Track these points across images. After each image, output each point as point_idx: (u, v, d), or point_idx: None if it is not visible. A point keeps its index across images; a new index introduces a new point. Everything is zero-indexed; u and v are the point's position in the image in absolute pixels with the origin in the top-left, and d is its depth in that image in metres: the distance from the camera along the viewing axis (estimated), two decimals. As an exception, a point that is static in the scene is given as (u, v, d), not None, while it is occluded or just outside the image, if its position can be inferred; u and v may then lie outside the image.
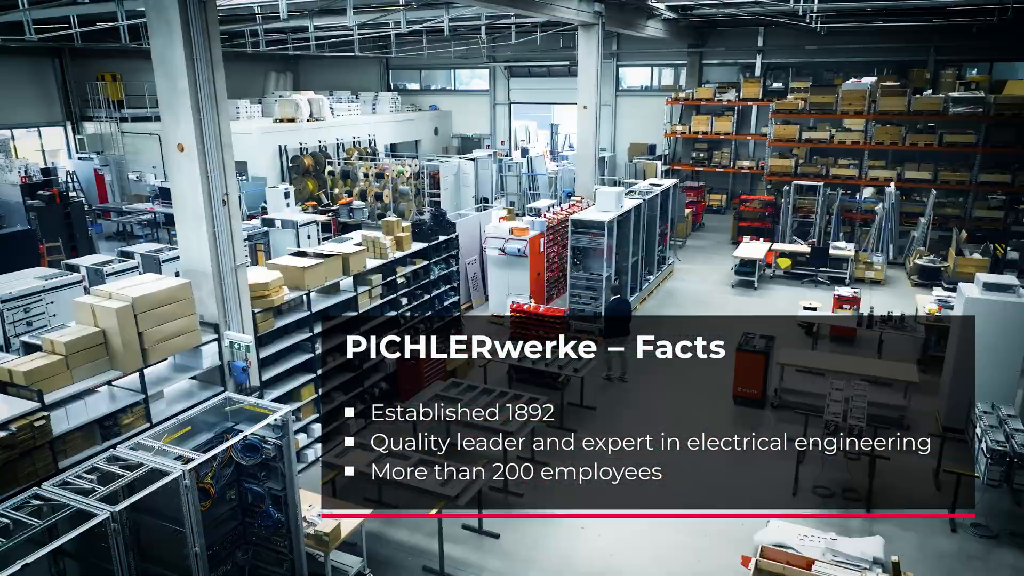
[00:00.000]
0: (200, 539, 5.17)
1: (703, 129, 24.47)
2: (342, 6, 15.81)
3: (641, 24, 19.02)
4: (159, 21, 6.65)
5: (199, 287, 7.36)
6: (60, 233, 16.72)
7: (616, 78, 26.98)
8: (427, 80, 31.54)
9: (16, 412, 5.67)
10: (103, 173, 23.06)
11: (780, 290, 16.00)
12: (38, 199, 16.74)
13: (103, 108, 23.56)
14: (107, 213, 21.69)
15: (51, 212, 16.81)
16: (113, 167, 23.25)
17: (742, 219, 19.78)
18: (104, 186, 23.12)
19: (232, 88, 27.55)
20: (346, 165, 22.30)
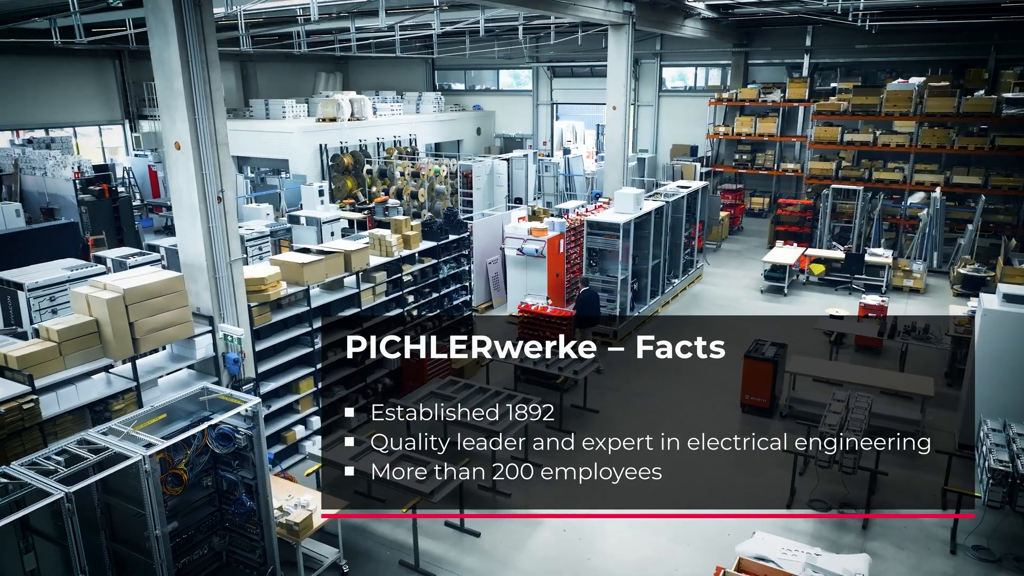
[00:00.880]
0: (162, 522, 5.37)
1: (746, 130, 23.93)
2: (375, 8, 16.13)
3: (677, 24, 18.73)
4: (157, 24, 6.92)
5: (195, 280, 7.63)
6: (109, 226, 17.54)
7: (659, 78, 26.63)
8: (472, 80, 31.78)
9: (5, 395, 6.01)
10: (156, 170, 24.03)
11: (811, 297, 15.54)
12: (89, 194, 17.58)
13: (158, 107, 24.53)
14: (158, 208, 22.61)
15: (100, 206, 17.64)
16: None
17: (780, 223, 19.28)
18: (157, 182, 24.11)
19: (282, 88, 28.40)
20: (384, 164, 22.67)
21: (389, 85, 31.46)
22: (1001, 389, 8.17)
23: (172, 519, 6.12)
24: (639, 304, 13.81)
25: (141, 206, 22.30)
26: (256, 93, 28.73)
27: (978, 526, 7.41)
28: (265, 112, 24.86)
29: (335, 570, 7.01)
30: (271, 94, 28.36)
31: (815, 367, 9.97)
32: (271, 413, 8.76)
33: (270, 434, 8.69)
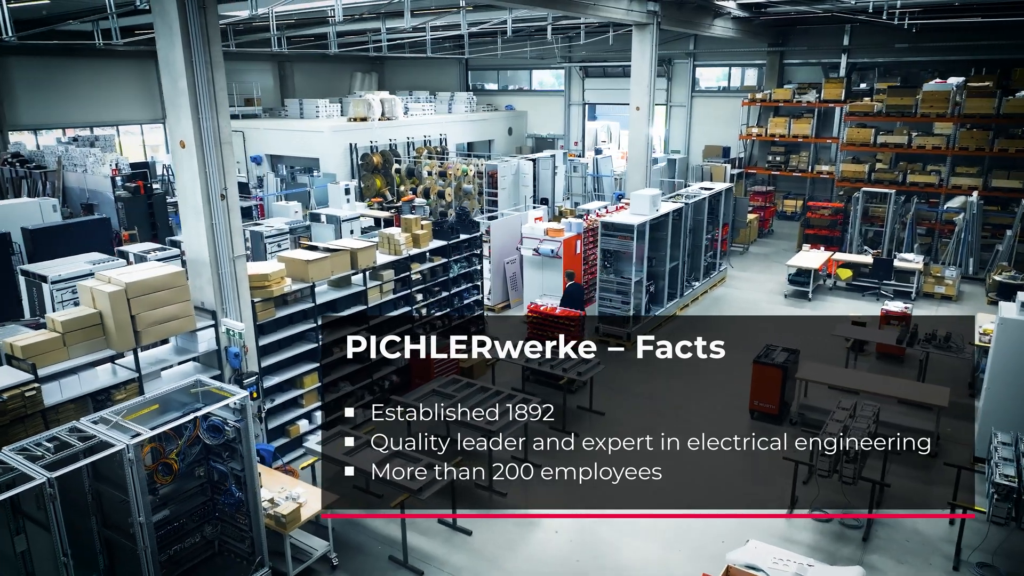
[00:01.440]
0: (146, 510, 5.53)
1: (780, 132, 23.50)
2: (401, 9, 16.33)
3: (706, 24, 18.48)
4: (163, 26, 7.12)
5: (199, 275, 7.84)
6: (144, 222, 18.08)
7: (692, 78, 26.31)
8: (505, 81, 31.86)
9: (8, 382, 6.26)
10: (194, 167, 24.65)
11: (836, 303, 15.18)
12: (125, 190, 18.15)
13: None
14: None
15: (136, 202, 18.18)
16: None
17: (810, 227, 18.87)
18: (194, 179, 24.71)
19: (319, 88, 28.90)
20: (412, 163, 22.89)
21: (424, 85, 31.73)
22: (1013, 401, 7.88)
23: (163, 507, 6.32)
24: (656, 306, 13.68)
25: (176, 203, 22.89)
26: (293, 93, 29.27)
27: (983, 542, 7.16)
28: (299, 111, 25.30)
29: (325, 562, 7.13)
30: (308, 94, 28.85)
31: (827, 374, 9.74)
32: (276, 407, 8.94)
33: (274, 427, 8.88)
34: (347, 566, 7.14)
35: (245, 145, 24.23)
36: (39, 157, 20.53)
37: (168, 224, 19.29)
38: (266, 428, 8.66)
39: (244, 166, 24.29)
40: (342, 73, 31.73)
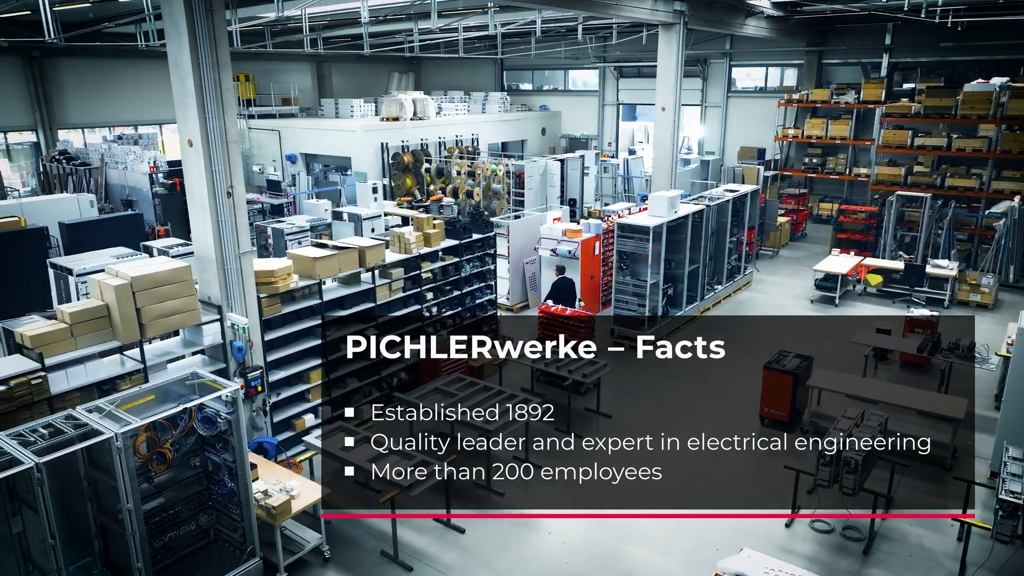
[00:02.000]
0: (134, 497, 5.72)
1: (817, 133, 22.98)
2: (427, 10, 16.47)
3: (738, 23, 18.18)
4: (172, 28, 7.34)
5: (206, 271, 8.05)
6: (178, 218, 18.62)
7: (727, 78, 25.90)
8: (539, 81, 31.85)
9: (15, 370, 6.53)
10: (232, 165, 25.27)
11: (864, 309, 14.78)
12: (162, 187, 18.72)
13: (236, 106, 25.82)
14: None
15: (172, 199, 18.72)
16: (241, 160, 25.42)
17: (842, 231, 18.43)
18: (232, 177, 25.33)
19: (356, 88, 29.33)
20: (441, 163, 23.05)
21: (460, 85, 31.93)
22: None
23: (158, 495, 6.51)
24: (674, 309, 13.52)
25: (215, 200, 23.45)
26: (331, 92, 29.77)
27: (988, 559, 6.90)
28: (335, 111, 25.71)
29: (317, 555, 7.25)
30: (346, 94, 29.31)
31: (841, 382, 9.50)
32: (281, 401, 9.12)
33: (279, 420, 9.05)
34: (339, 559, 7.25)
35: (281, 144, 24.75)
36: (84, 154, 21.33)
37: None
38: (271, 421, 8.83)
39: (280, 164, 24.84)
40: (379, 73, 32.14)
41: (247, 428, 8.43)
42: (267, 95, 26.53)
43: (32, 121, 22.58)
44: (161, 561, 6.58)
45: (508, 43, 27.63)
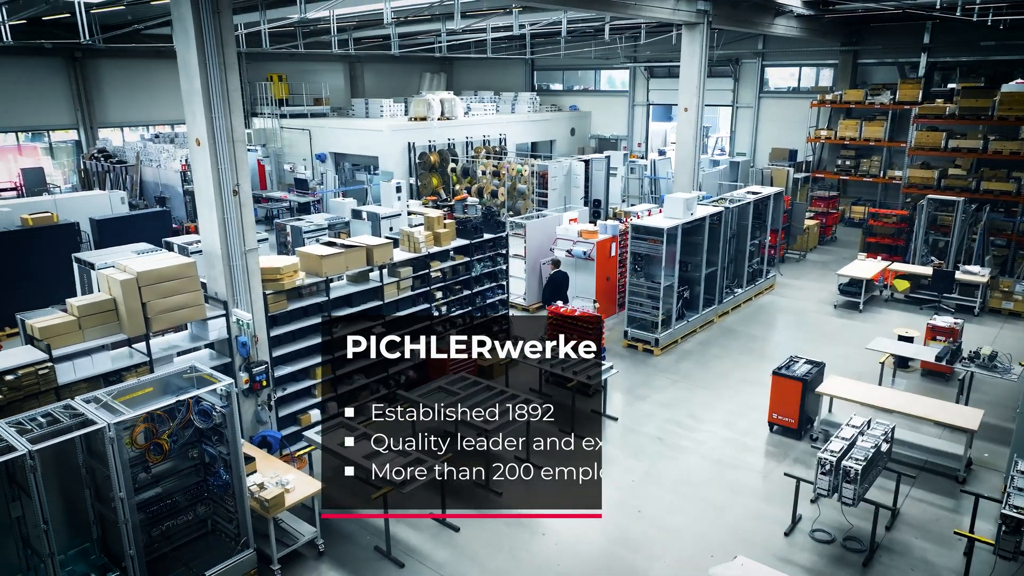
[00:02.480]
0: (127, 486, 5.88)
1: (851, 135, 22.51)
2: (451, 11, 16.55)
3: (766, 23, 17.88)
4: (180, 29, 7.52)
5: (213, 267, 8.23)
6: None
7: (759, 78, 25.50)
8: (570, 81, 31.76)
9: (23, 361, 6.77)
10: (264, 164, 25.80)
11: (890, 315, 14.41)
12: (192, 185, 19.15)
13: (268, 105, 26.36)
14: (263, 199, 24.28)
15: (202, 196, 19.18)
16: (273, 158, 25.95)
17: (872, 234, 18.00)
18: (264, 175, 25.88)
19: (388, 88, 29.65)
20: (467, 163, 23.14)
21: (491, 85, 32.03)
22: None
23: (156, 485, 6.69)
24: (691, 312, 13.37)
25: (247, 197, 23.93)
26: (363, 92, 30.13)
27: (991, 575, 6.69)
28: (365, 111, 26.02)
29: (312, 548, 7.36)
30: (378, 93, 29.63)
31: (852, 390, 9.28)
32: (287, 396, 9.27)
33: (285, 415, 9.20)
34: (333, 553, 7.35)
35: (311, 143, 25.14)
36: (121, 152, 21.96)
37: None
38: (276, 416, 8.99)
39: (310, 163, 25.23)
40: (411, 73, 32.42)
41: (252, 422, 8.65)
42: (299, 95, 26.96)
43: (74, 120, 23.34)
44: (159, 549, 6.76)
45: (538, 43, 27.63)
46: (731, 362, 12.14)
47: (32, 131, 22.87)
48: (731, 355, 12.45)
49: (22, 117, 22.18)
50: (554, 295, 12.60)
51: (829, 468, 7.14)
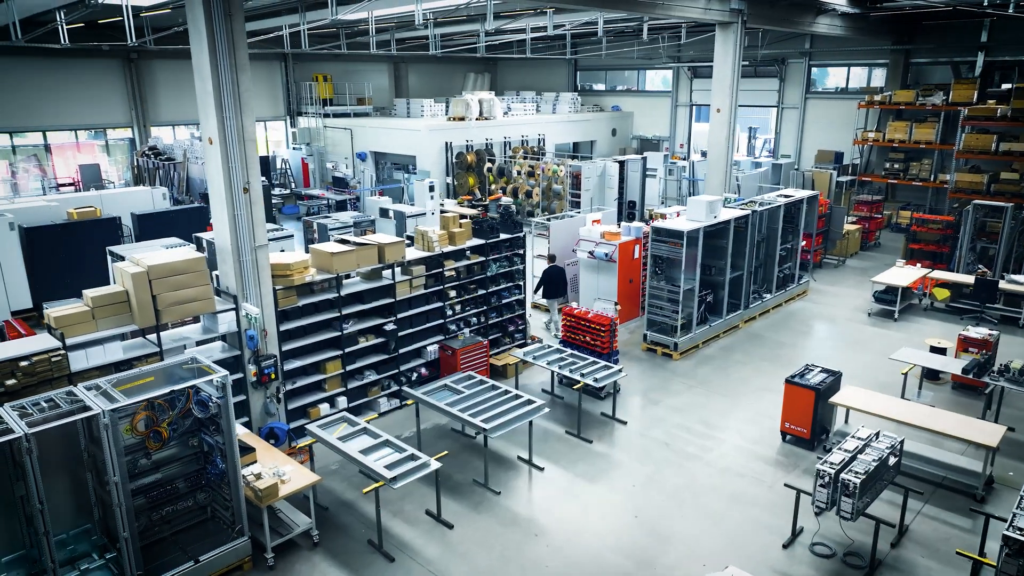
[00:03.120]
0: (121, 471, 6.11)
1: (900, 137, 21.77)
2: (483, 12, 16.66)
3: (807, 21, 17.41)
4: (194, 31, 7.77)
5: (224, 262, 8.48)
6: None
7: (806, 79, 24.85)
8: (613, 81, 31.52)
9: (37, 348, 7.11)
10: (308, 162, 26.43)
11: (926, 325, 13.88)
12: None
13: (313, 105, 26.95)
14: (306, 196, 24.89)
15: (243, 193, 19.77)
16: (316, 157, 26.53)
17: (916, 240, 17.35)
18: (308, 173, 26.50)
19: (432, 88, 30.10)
20: (503, 163, 23.21)
21: (534, 86, 32.08)
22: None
23: (156, 471, 6.93)
24: (714, 317, 13.14)
25: (290, 194, 24.61)
26: (407, 92, 30.54)
27: (993, 601, 6.37)
28: (407, 110, 26.37)
29: (306, 538, 7.52)
30: (422, 93, 30.01)
31: (867, 401, 8.98)
32: (297, 389, 9.49)
33: (295, 408, 9.42)
34: (327, 544, 7.49)
35: (352, 142, 25.60)
36: (170, 150, 22.78)
37: (272, 214, 20.84)
38: (286, 408, 9.21)
39: (351, 161, 25.70)
40: (455, 74, 32.69)
41: (261, 414, 8.88)
42: (344, 95, 27.48)
43: (128, 118, 24.32)
44: (159, 533, 7.01)
45: (580, 44, 27.52)
46: (752, 369, 11.89)
47: (90, 129, 23.92)
48: (753, 362, 12.19)
49: (80, 116, 23.23)
50: (551, 290, 12.73)
51: (828, 480, 6.93)
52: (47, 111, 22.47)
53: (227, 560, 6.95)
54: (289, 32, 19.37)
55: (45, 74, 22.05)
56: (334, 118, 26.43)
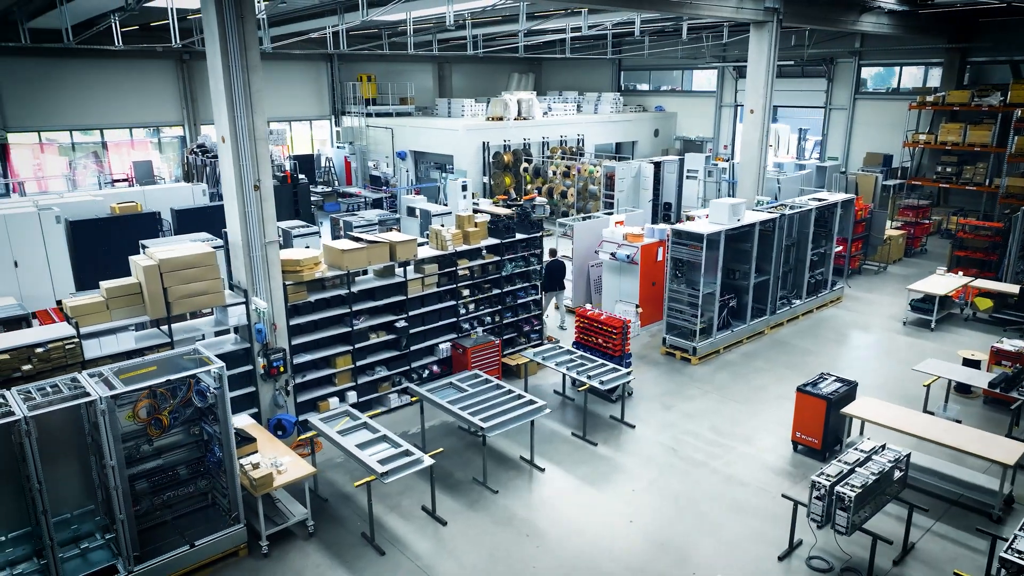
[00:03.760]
0: (118, 455, 6.37)
1: (953, 139, 20.93)
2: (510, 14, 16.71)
3: (850, 20, 16.88)
4: (208, 32, 8.03)
5: (236, 257, 8.74)
6: (288, 207, 20.13)
7: (855, 79, 24.08)
8: (657, 81, 31.14)
9: (52, 336, 7.47)
10: (351, 160, 26.93)
11: (964, 336, 13.32)
12: (274, 179, 20.27)
13: (356, 105, 27.43)
14: (346, 194, 25.38)
15: (282, 191, 20.25)
16: (358, 155, 27.01)
17: (962, 248, 16.65)
18: (350, 171, 27.01)
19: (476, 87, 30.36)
20: (540, 163, 23.19)
21: (578, 86, 31.95)
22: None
23: (157, 457, 7.20)
24: (737, 322, 12.88)
25: (331, 192, 25.12)
26: (450, 92, 30.80)
27: (991, 626, 6.10)
28: (448, 110, 26.60)
29: (302, 528, 7.69)
30: (465, 93, 30.22)
31: (880, 412, 8.67)
32: (308, 382, 9.70)
33: (305, 401, 9.64)
34: (322, 535, 7.64)
35: (393, 141, 25.97)
36: (215, 147, 23.51)
37: (310, 210, 21.30)
38: (295, 401, 9.43)
39: (392, 160, 26.07)
40: (499, 74, 32.80)
41: (270, 405, 9.12)
42: (386, 95, 27.89)
43: (180, 117, 25.21)
44: (160, 516, 7.28)
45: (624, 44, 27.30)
46: (772, 376, 11.62)
47: (144, 127, 24.89)
48: (774, 369, 11.91)
49: (136, 114, 24.19)
50: (549, 283, 12.84)
51: (823, 493, 6.73)
52: (104, 110, 23.48)
53: (223, 546, 7.16)
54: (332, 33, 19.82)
55: (103, 75, 23.05)
56: (376, 117, 26.86)
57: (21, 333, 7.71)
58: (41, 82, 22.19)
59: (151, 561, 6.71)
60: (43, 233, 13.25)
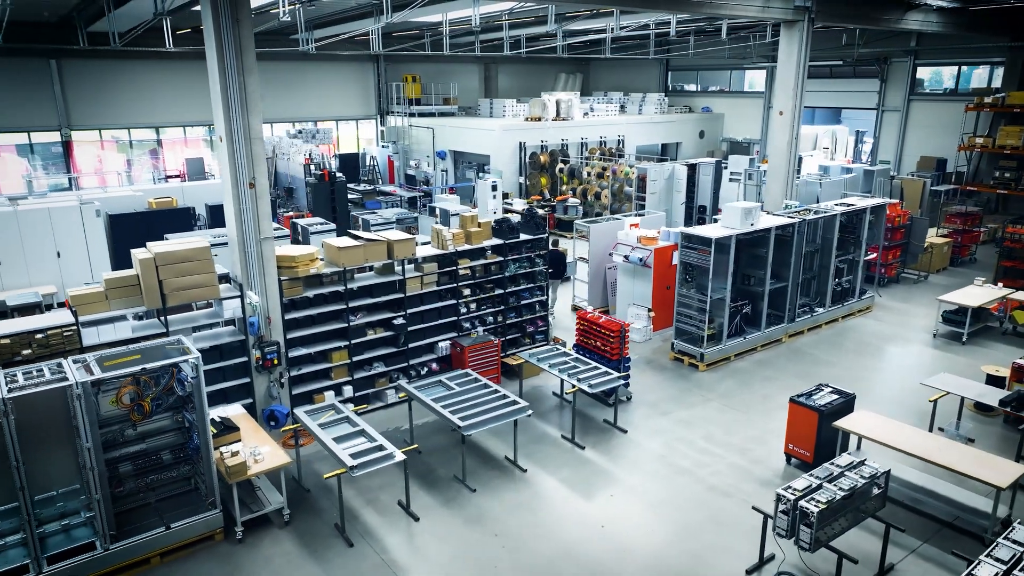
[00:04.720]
0: (94, 438, 6.70)
1: (1012, 143, 19.88)
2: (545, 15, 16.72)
3: (893, 18, 16.21)
4: (207, 35, 8.35)
5: (233, 252, 9.06)
6: (326, 205, 20.66)
7: (910, 79, 23.09)
8: (705, 81, 30.55)
9: (52, 323, 7.91)
10: (393, 159, 27.41)
11: (997, 350, 12.64)
12: (312, 177, 20.84)
13: (400, 105, 27.90)
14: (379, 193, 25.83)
15: (321, 188, 20.78)
16: (401, 155, 27.45)
17: (1008, 257, 15.79)
18: (393, 170, 27.49)
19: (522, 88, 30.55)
20: (576, 164, 23.09)
21: (626, 86, 31.67)
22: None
23: (140, 441, 7.55)
24: (751, 329, 12.56)
25: (373, 190, 25.62)
26: (495, 92, 30.98)
27: (953, 655, 5.80)
28: (490, 110, 26.77)
29: (279, 516, 7.92)
30: (511, 94, 30.36)
31: (873, 427, 8.32)
32: (305, 375, 9.96)
33: (300, 394, 9.90)
34: (297, 524, 7.86)
35: (434, 141, 26.30)
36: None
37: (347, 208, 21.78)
38: (290, 393, 9.70)
39: (432, 160, 26.41)
40: (545, 74, 32.80)
41: (264, 396, 9.42)
42: (429, 95, 28.26)
43: (232, 116, 26.12)
44: (144, 498, 7.62)
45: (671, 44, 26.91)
46: (779, 385, 11.29)
47: (196, 126, 25.93)
48: (783, 378, 11.57)
49: (188, 113, 25.24)
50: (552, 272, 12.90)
51: (788, 507, 6.53)
52: (160, 108, 24.60)
53: (198, 529, 7.44)
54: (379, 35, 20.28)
55: (158, 75, 24.15)
56: (419, 117, 27.25)
57: (23, 320, 8.20)
58: (102, 83, 23.42)
59: (126, 540, 7.04)
60: (84, 226, 13.98)
